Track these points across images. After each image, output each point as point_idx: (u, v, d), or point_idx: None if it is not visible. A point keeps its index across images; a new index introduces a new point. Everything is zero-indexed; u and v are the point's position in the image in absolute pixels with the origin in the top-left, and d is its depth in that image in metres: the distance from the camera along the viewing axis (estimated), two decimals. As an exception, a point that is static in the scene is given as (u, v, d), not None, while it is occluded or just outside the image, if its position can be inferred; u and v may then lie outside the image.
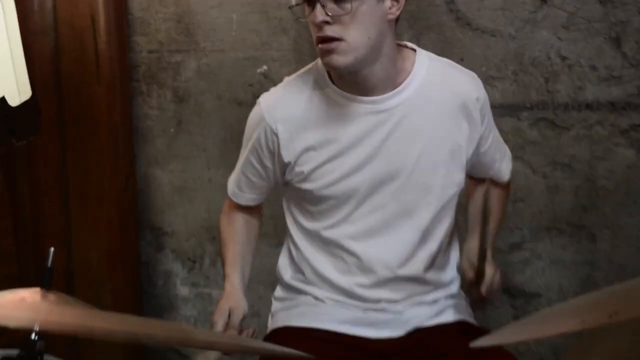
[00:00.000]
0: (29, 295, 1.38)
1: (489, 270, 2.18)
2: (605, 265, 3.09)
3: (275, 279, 2.84)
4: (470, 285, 2.22)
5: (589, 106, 2.97)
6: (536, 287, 3.17)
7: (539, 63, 2.97)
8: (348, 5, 2.09)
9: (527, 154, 3.03)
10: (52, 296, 1.38)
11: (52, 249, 1.45)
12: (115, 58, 3.22)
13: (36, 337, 1.32)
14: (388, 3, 2.16)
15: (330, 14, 2.10)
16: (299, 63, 3.07)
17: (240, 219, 2.54)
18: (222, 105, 3.27)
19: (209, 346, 1.98)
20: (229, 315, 2.23)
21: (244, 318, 2.26)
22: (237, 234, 2.52)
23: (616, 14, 2.88)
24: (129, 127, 3.34)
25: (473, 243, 2.31)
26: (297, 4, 2.21)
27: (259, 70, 3.19)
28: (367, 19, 2.13)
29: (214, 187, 3.34)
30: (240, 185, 2.48)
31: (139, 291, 3.48)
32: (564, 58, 2.95)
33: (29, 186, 3.36)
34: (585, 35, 2.92)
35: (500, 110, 2.97)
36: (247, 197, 2.49)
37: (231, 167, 3.21)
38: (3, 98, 2.63)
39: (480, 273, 2.18)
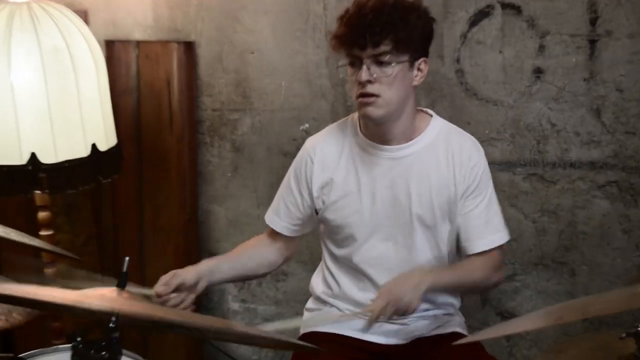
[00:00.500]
0: (107, 292, 1.38)
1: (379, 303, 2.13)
2: (582, 295, 3.02)
3: (309, 298, 2.84)
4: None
5: (572, 165, 2.94)
6: (524, 311, 3.12)
7: (532, 128, 2.94)
8: (389, 70, 2.12)
9: (519, 202, 3.00)
10: (125, 294, 1.38)
11: (127, 258, 1.46)
12: (185, 114, 3.23)
13: (113, 325, 1.30)
14: (415, 72, 2.19)
15: (374, 75, 2.11)
16: (335, 122, 3.06)
17: (263, 239, 2.53)
18: (270, 155, 3.25)
19: (246, 339, 1.96)
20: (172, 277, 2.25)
21: (181, 284, 2.26)
22: (247, 244, 2.54)
23: (597, 89, 2.85)
24: (194, 171, 3.32)
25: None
26: (343, 65, 2.21)
27: (301, 128, 3.18)
28: (400, 83, 2.16)
29: (261, 222, 3.23)
30: (277, 211, 2.47)
31: (198, 306, 3.46)
32: (553, 125, 2.92)
33: (112, 217, 3.38)
34: (571, 106, 2.89)
35: (499, 166, 2.95)
36: (282, 225, 2.46)
37: (276, 206, 3.24)
38: (94, 144, 2.65)
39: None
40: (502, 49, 2.91)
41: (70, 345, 2.29)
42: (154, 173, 3.29)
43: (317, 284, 2.52)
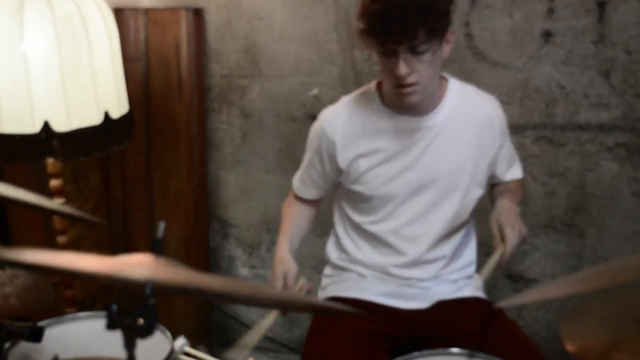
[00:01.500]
0: (144, 259, 1.40)
1: (511, 232, 2.21)
2: (591, 257, 3.10)
3: (319, 263, 2.88)
4: (496, 245, 2.24)
5: (581, 127, 2.98)
6: (533, 274, 3.19)
7: (541, 91, 2.99)
8: (426, 58, 2.11)
9: (529, 166, 3.03)
10: (162, 260, 1.41)
11: (162, 223, 1.47)
12: (194, 81, 3.25)
13: (149, 292, 1.33)
14: (445, 45, 2.18)
15: (413, 66, 2.10)
16: (344, 87, 3.10)
17: (299, 205, 2.56)
18: (279, 121, 3.29)
19: (277, 302, 2.02)
20: (285, 278, 2.28)
21: (296, 276, 2.30)
22: (293, 213, 2.54)
23: (606, 52, 2.89)
24: (203, 137, 3.37)
25: (502, 203, 2.35)
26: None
27: (310, 93, 3.21)
28: (434, 65, 2.17)
29: (271, 188, 3.37)
30: (304, 182, 2.51)
31: (207, 271, 3.52)
32: (562, 87, 2.96)
33: (121, 184, 3.42)
34: (580, 69, 2.93)
35: (509, 129, 2.98)
36: (310, 192, 2.52)
37: (286, 172, 3.25)
38: (107, 112, 2.68)
39: (503, 235, 2.22)
40: (511, 13, 2.93)
41: (89, 313, 2.39)
42: (163, 139, 3.33)
43: (331, 251, 2.56)
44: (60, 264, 1.42)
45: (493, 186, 2.52)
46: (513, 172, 2.53)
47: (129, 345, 1.34)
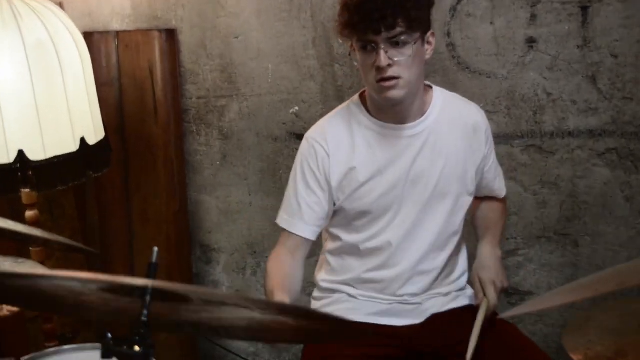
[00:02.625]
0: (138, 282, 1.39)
1: (490, 291, 2.29)
2: (587, 267, 3.10)
3: (306, 285, 2.86)
4: (479, 300, 2.32)
5: (570, 134, 2.99)
6: (529, 286, 3.18)
7: (528, 99, 2.99)
8: (407, 51, 2.15)
9: (519, 175, 3.05)
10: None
11: (155, 248, 1.46)
12: (170, 103, 3.25)
13: (145, 318, 1.32)
14: (427, 46, 2.23)
15: (394, 58, 2.13)
16: (325, 103, 3.11)
17: (286, 263, 2.35)
18: (260, 141, 3.27)
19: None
20: None
21: None
22: (286, 269, 2.34)
23: (592, 56, 2.90)
24: (181, 160, 3.35)
25: (483, 250, 2.42)
26: (355, 49, 2.21)
27: (291, 111, 3.20)
28: (417, 60, 2.19)
29: (254, 210, 3.36)
30: (302, 216, 2.34)
31: (191, 299, 3.48)
32: (549, 94, 2.97)
33: (98, 211, 3.39)
34: (566, 74, 2.93)
35: (496, 139, 2.94)
36: (312, 230, 2.36)
37: (269, 193, 3.27)
38: (83, 138, 2.66)
39: (484, 292, 2.31)
40: (493, 20, 2.94)
41: (73, 346, 2.36)
42: (141, 164, 3.31)
43: (320, 275, 2.54)
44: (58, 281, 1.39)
45: (477, 202, 2.53)
46: (500, 184, 2.57)
47: (126, 375, 1.32)
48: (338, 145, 2.32)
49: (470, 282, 2.47)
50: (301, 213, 2.34)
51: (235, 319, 1.50)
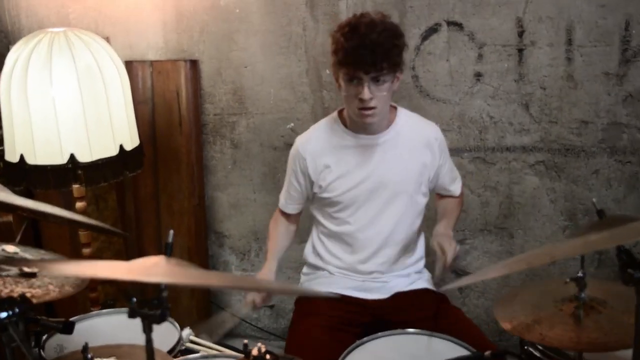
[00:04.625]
0: (158, 260, 1.41)
1: (448, 247, 2.25)
2: (519, 254, 3.05)
3: (298, 265, 2.89)
4: (438, 259, 2.27)
5: (508, 149, 3.03)
6: (473, 269, 3.22)
7: (475, 121, 3.03)
8: (385, 87, 2.21)
9: (467, 181, 3.07)
10: (173, 261, 1.42)
11: (171, 231, 1.48)
12: (192, 119, 3.26)
13: (164, 287, 1.35)
14: (396, 82, 2.27)
15: (375, 93, 2.19)
16: (315, 121, 3.00)
17: (284, 223, 2.58)
18: (263, 150, 3.30)
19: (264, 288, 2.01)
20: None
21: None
22: (279, 234, 2.56)
23: (525, 88, 2.94)
24: (200, 164, 3.37)
25: (439, 227, 2.40)
26: (340, 80, 2.25)
27: (288, 127, 3.23)
28: (389, 94, 2.26)
29: (258, 205, 3.39)
30: (287, 200, 2.53)
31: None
32: (491, 117, 3.01)
33: (133, 205, 3.41)
34: (505, 102, 2.98)
35: (450, 151, 2.93)
36: (291, 207, 2.54)
37: (269, 192, 3.30)
38: (121, 145, 2.69)
39: (443, 250, 2.25)
40: (449, 58, 2.98)
41: (111, 309, 2.40)
42: (168, 167, 3.33)
43: (308, 253, 2.57)
44: (92, 272, 1.42)
45: (440, 198, 2.56)
46: (455, 186, 2.57)
47: (147, 330, 1.35)
48: (316, 149, 2.40)
49: (431, 252, 2.42)
50: (286, 197, 2.52)
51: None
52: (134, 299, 1.35)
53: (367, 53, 2.13)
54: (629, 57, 2.84)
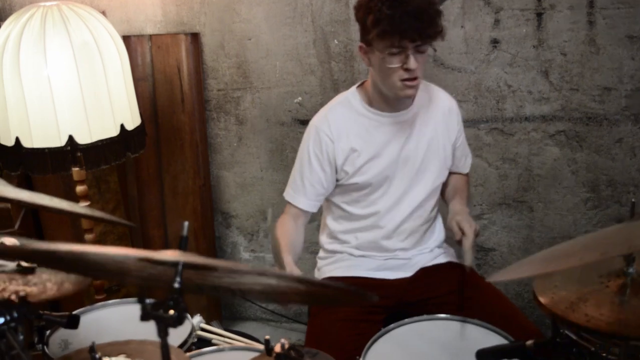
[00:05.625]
0: (173, 253, 1.26)
1: (468, 228, 2.13)
2: (540, 228, 3.02)
3: (308, 245, 2.75)
4: (458, 241, 2.16)
5: (527, 119, 2.89)
6: (492, 244, 3.09)
7: (492, 90, 2.88)
8: (426, 55, 2.07)
9: (484, 153, 2.95)
10: (188, 254, 1.27)
11: (186, 223, 1.32)
12: (194, 95, 3.11)
13: (179, 285, 1.20)
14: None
15: (418, 62, 2.04)
16: (324, 94, 2.99)
17: (291, 224, 2.28)
18: (269, 126, 3.15)
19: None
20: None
21: None
22: (289, 232, 2.24)
23: (545, 55, 2.79)
24: (205, 143, 3.22)
25: (454, 205, 2.29)
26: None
27: (295, 101, 3.08)
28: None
29: (265, 183, 3.24)
30: (302, 191, 2.26)
31: (214, 257, 3.37)
32: (509, 86, 2.86)
33: (136, 186, 3.27)
34: (524, 69, 2.83)
35: (465, 123, 2.81)
36: (310, 204, 2.27)
37: (277, 169, 3.15)
38: (122, 124, 2.55)
39: (462, 230, 2.14)
40: (463, 24, 2.83)
41: (117, 300, 2.26)
42: (171, 146, 3.18)
43: (324, 238, 2.42)
44: (103, 254, 1.27)
45: (444, 184, 2.41)
46: (466, 163, 2.45)
47: (162, 334, 1.20)
48: (340, 132, 2.21)
49: (448, 229, 2.28)
50: (304, 190, 2.26)
51: (253, 284, 1.39)
52: (148, 300, 1.20)
53: (414, 20, 1.97)
54: (655, 19, 2.68)
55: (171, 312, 1.17)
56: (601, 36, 2.73)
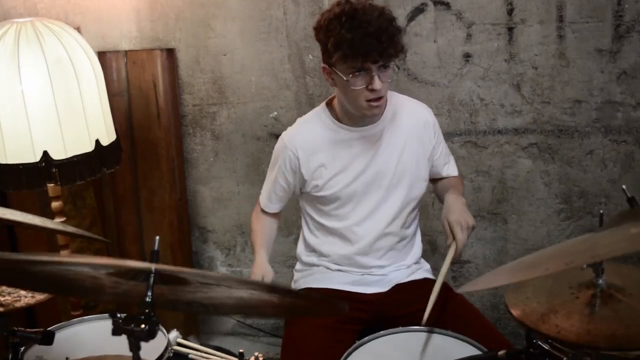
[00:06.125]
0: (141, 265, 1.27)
1: (459, 233, 2.14)
2: (514, 239, 3.04)
3: (286, 258, 2.74)
4: (449, 243, 2.16)
5: (499, 132, 2.92)
6: (467, 256, 3.11)
7: (465, 103, 2.91)
8: (389, 73, 2.08)
9: (458, 166, 2.85)
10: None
11: (157, 237, 1.33)
12: (170, 110, 3.12)
13: (150, 300, 1.20)
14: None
15: (383, 81, 2.05)
16: (299, 109, 3.01)
17: (266, 219, 2.43)
18: (245, 140, 3.16)
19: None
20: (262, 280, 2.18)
21: (272, 279, 2.22)
22: (263, 227, 2.42)
23: (516, 68, 2.83)
24: (181, 158, 3.22)
25: (448, 198, 2.27)
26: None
27: (271, 115, 3.09)
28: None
29: (242, 198, 3.24)
30: (270, 199, 2.38)
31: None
32: (482, 99, 2.89)
33: (112, 202, 3.26)
34: (496, 83, 2.86)
35: None
36: (275, 207, 2.40)
37: (254, 184, 3.16)
38: (97, 140, 2.54)
39: (453, 234, 2.14)
40: (436, 39, 2.86)
41: (94, 316, 2.24)
42: (147, 162, 3.18)
43: (301, 251, 2.44)
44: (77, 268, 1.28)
45: (435, 182, 2.43)
46: (450, 169, 2.45)
47: (134, 349, 1.20)
48: (307, 147, 2.24)
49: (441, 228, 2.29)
50: (270, 197, 2.38)
51: (225, 298, 1.40)
52: (119, 315, 1.20)
53: (375, 42, 1.98)
54: (622, 33, 2.73)
55: (142, 326, 1.17)
56: (571, 50, 2.77)
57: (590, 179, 2.89)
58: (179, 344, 2.53)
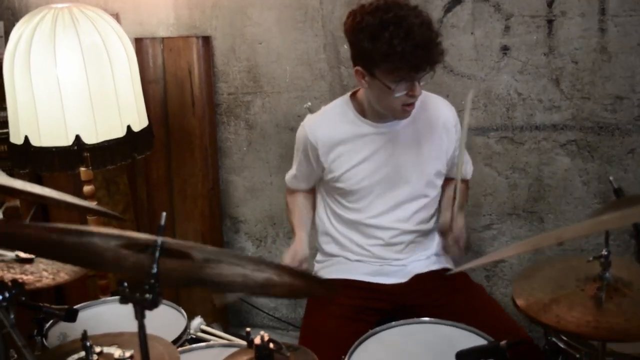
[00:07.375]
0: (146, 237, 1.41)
1: (455, 225, 2.28)
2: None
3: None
4: (445, 237, 2.32)
5: (537, 127, 2.98)
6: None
7: (502, 98, 2.99)
8: (423, 81, 2.18)
9: (493, 162, 3.06)
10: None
11: (164, 213, 1.48)
12: (205, 99, 3.28)
13: (155, 271, 1.34)
14: None
15: (421, 84, 2.18)
16: (333, 100, 3.07)
17: (300, 195, 2.58)
18: (279, 130, 3.30)
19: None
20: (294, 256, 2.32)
21: (305, 259, 2.34)
22: (299, 204, 2.57)
23: (556, 62, 2.89)
24: (214, 147, 3.38)
25: (446, 214, 2.39)
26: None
27: (305, 106, 3.21)
28: None
29: (274, 188, 3.39)
30: (297, 178, 2.54)
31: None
32: (519, 94, 2.96)
33: (145, 188, 3.43)
34: (534, 77, 2.93)
35: (475, 131, 3.00)
36: (302, 186, 2.55)
37: (286, 174, 3.27)
38: (129, 125, 2.70)
39: (451, 228, 2.28)
40: (473, 31, 2.94)
41: (117, 297, 2.41)
42: (181, 150, 3.34)
43: (323, 243, 2.56)
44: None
45: (446, 181, 2.50)
46: (466, 169, 2.53)
47: (139, 316, 1.35)
48: (326, 138, 2.36)
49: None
50: (297, 176, 2.55)
51: (233, 275, 1.53)
52: (125, 283, 1.35)
53: (424, 53, 2.09)
54: (668, 28, 2.77)
55: (147, 295, 1.32)
56: (613, 44, 2.82)
57: (630, 178, 2.93)
58: (202, 331, 2.70)
